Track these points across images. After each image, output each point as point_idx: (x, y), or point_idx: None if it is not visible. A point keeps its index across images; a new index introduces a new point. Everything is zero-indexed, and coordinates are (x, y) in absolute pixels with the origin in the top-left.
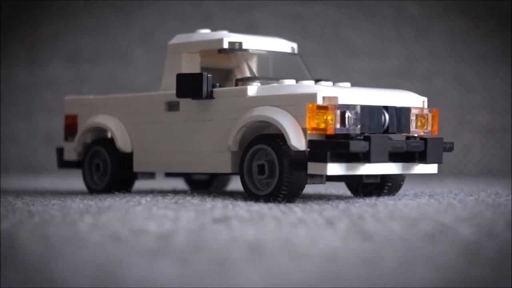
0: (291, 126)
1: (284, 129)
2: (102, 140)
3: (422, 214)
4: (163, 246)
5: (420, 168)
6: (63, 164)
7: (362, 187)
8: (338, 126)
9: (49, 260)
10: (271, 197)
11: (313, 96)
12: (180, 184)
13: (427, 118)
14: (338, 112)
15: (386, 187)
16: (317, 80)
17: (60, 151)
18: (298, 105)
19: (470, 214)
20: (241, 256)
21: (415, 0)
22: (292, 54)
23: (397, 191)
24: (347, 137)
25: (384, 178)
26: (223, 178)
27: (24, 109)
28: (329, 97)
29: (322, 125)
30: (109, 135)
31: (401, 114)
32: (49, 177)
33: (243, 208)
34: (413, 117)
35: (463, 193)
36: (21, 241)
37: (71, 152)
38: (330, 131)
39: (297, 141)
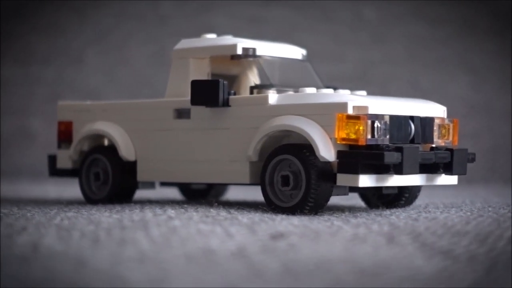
0: (319, 136)
1: (312, 139)
2: (101, 148)
3: (479, 228)
4: (254, 267)
5: (442, 179)
6: (56, 172)
7: (378, 198)
8: (369, 136)
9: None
10: (297, 209)
11: (344, 106)
12: (174, 193)
13: (448, 129)
14: (369, 122)
15: (403, 198)
16: (333, 88)
17: (52, 159)
18: (327, 114)
19: None
20: (353, 279)
21: (372, 4)
22: (302, 61)
23: (413, 202)
24: (377, 147)
25: (402, 189)
26: (220, 187)
27: None
28: (359, 107)
29: (353, 136)
30: (106, 142)
31: (425, 124)
32: (8, 182)
33: (283, 223)
34: (436, 127)
35: (481, 204)
36: (94, 265)
37: (66, 160)
38: (361, 142)
39: (326, 152)
